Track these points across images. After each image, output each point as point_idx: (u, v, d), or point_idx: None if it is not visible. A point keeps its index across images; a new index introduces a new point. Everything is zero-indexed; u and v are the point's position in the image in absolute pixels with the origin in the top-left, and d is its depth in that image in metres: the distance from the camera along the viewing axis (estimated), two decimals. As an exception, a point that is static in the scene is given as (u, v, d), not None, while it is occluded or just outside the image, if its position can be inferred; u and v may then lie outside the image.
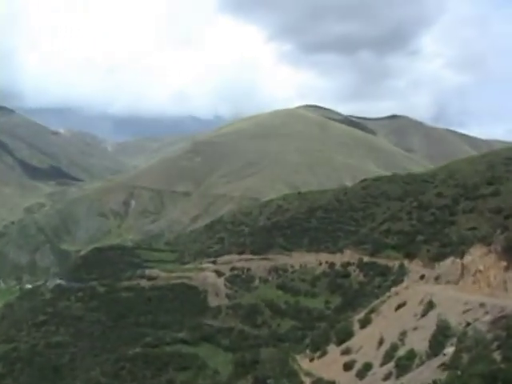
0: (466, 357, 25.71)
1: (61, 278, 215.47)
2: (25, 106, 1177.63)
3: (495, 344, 25.48)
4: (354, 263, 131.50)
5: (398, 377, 33.44)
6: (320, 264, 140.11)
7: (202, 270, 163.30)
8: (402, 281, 78.26)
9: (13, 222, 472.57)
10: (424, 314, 39.83)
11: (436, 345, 30.77)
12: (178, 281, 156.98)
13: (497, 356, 24.02)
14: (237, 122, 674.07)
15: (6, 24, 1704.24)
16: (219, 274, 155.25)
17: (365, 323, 53.41)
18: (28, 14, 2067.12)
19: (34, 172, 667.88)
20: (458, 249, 69.85)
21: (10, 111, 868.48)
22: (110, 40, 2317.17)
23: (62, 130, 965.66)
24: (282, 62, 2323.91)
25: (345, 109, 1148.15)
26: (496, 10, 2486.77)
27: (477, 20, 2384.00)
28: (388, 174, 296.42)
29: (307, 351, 61.84)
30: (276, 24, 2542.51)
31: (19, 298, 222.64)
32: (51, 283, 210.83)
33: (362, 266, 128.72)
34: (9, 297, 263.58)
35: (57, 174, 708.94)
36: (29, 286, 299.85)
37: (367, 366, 42.54)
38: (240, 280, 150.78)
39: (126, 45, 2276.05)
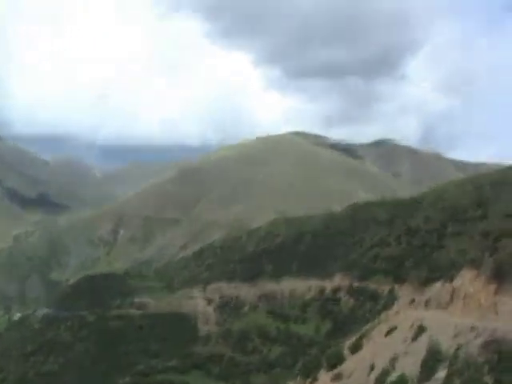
0: (457, 380, 25.74)
1: (50, 308, 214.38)
2: (13, 133, 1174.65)
3: (486, 367, 25.54)
4: (343, 288, 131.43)
5: (390, 402, 33.35)
6: (310, 290, 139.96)
7: (192, 297, 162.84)
8: (392, 305, 78.33)
9: (0, 251, 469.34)
10: (415, 339, 39.87)
11: (427, 369, 30.79)
12: (168, 309, 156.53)
13: (488, 379, 24.07)
14: (224, 149, 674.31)
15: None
16: (209, 301, 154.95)
17: (356, 348, 53.32)
18: (15, 41, 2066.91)
19: (22, 200, 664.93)
20: (448, 273, 69.95)
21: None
22: (98, 68, 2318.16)
23: (50, 158, 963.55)
24: (270, 88, 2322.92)
25: (333, 133, 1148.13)
26: (482, 34, 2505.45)
27: (463, 44, 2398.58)
28: (376, 198, 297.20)
29: (298, 377, 61.68)
30: (263, 50, 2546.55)
31: (8, 328, 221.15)
32: (40, 313, 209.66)
33: (351, 291, 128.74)
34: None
35: (45, 203, 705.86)
36: (18, 316, 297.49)
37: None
38: (229, 307, 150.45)
39: (114, 72, 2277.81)
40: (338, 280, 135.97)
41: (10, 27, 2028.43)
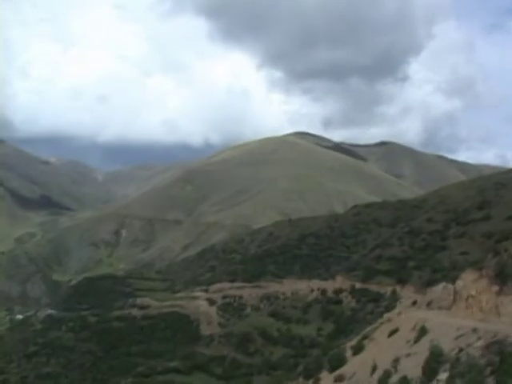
0: (459, 383, 25.58)
1: (52, 308, 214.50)
2: (15, 135, 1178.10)
3: (489, 369, 25.36)
4: (345, 290, 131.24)
5: (391, 404, 33.22)
6: (312, 291, 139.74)
7: (194, 298, 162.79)
8: (394, 307, 78.08)
9: (3, 253, 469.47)
10: (417, 341, 39.66)
11: (429, 371, 30.60)
12: (170, 310, 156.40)
13: (490, 382, 23.91)
14: (228, 150, 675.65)
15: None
16: (211, 302, 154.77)
17: (357, 350, 53.13)
18: (18, 42, 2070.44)
19: (24, 202, 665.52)
20: (450, 274, 69.76)
21: (0, 141, 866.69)
22: (99, 68, 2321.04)
23: (52, 160, 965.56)
24: (273, 89, 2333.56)
25: (335, 135, 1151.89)
26: (483, 35, 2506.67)
27: (464, 45, 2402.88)
28: (378, 200, 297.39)
29: (300, 379, 61.47)
30: (266, 51, 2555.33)
31: (10, 329, 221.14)
32: (42, 313, 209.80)
33: (353, 292, 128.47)
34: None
35: (47, 204, 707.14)
36: (19, 317, 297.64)
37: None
38: (232, 308, 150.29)
39: (116, 73, 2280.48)
40: (340, 281, 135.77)
41: (11, 29, 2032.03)
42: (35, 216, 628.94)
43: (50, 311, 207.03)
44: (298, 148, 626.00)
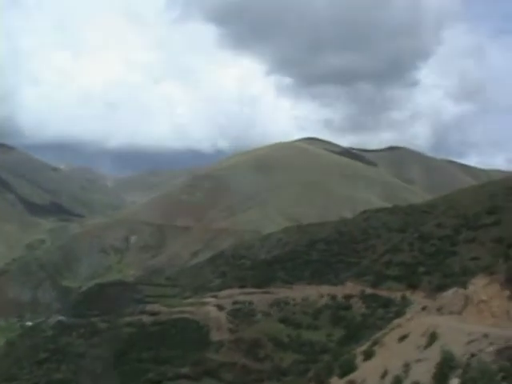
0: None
1: (62, 315, 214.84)
2: (25, 142, 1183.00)
3: (500, 375, 25.25)
4: (355, 295, 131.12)
5: (402, 410, 33.10)
6: (322, 296, 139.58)
7: (204, 304, 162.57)
8: (404, 312, 77.83)
9: (14, 259, 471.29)
10: (427, 346, 39.51)
11: (440, 377, 30.47)
12: (180, 316, 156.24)
13: (502, 387, 23.82)
14: (236, 156, 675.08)
15: (6, 61, 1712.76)
16: (221, 308, 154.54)
17: (368, 355, 52.96)
18: (28, 50, 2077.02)
19: (34, 208, 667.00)
20: (460, 279, 69.55)
21: (10, 148, 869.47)
22: (109, 75, 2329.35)
23: (61, 166, 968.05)
24: (282, 95, 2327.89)
25: (345, 140, 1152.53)
26: (493, 40, 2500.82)
27: (474, 50, 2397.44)
28: (388, 205, 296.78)
29: (310, 385, 61.35)
30: (275, 56, 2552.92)
31: (20, 335, 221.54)
32: (52, 320, 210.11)
33: (364, 297, 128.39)
34: (10, 334, 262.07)
35: (57, 210, 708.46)
36: (30, 324, 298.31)
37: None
38: (242, 314, 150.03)
39: (125, 79, 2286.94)
40: (350, 287, 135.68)
41: (20, 37, 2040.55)
42: (45, 222, 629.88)
43: (60, 317, 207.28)
44: (307, 153, 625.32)
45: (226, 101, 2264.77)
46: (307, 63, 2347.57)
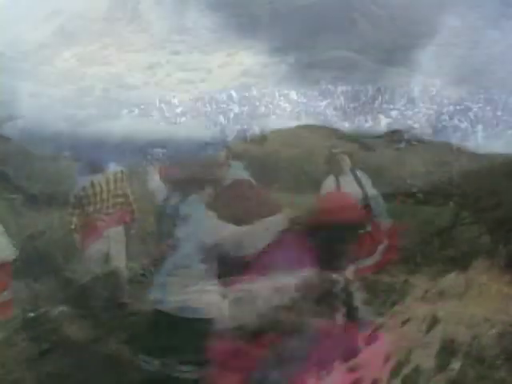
0: (472, 371, 25.32)
1: (64, 305, 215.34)
2: (23, 132, 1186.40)
3: (501, 358, 25.11)
4: (357, 280, 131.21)
5: (404, 394, 32.92)
6: (323, 282, 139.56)
7: (206, 292, 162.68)
8: (405, 297, 77.73)
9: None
10: (429, 330, 39.34)
11: (442, 361, 30.37)
12: (182, 304, 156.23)
13: (503, 371, 23.62)
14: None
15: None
16: (223, 295, 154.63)
17: (370, 341, 52.81)
18: (26, 42, 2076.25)
19: (35, 199, 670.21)
20: (461, 263, 69.24)
21: (7, 139, 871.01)
22: (107, 69, 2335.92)
23: (62, 156, 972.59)
24: (280, 81, 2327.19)
25: (345, 126, 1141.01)
26: (493, 25, 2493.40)
27: (474, 35, 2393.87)
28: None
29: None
30: (272, 42, 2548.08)
31: (22, 327, 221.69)
32: (54, 310, 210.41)
33: (365, 283, 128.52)
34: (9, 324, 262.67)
35: (58, 201, 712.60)
36: (31, 315, 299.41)
37: (374, 383, 41.84)
38: (244, 301, 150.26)
39: (121, 71, 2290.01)
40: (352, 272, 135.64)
41: (20, 30, 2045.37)
42: (46, 213, 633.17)
43: (62, 308, 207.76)
44: (306, 140, 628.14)
45: (223, 86, 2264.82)
46: (306, 48, 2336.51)
